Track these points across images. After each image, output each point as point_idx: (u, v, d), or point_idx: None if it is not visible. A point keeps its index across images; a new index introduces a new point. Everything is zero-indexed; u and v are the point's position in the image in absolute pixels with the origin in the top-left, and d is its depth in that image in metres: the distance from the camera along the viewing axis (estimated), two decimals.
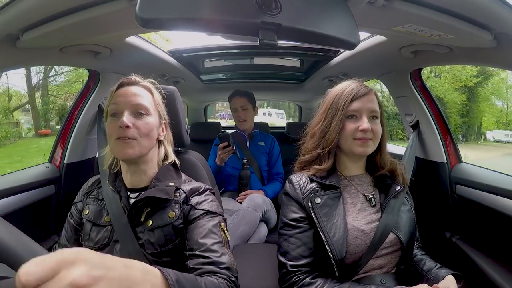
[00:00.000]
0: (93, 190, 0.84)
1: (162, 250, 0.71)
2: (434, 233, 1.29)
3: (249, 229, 1.37)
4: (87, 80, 1.34)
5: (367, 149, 0.79)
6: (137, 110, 0.73)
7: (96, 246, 0.73)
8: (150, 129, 0.75)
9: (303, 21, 0.62)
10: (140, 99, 0.74)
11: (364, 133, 0.77)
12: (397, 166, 0.85)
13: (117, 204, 0.76)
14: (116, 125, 0.71)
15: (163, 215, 0.73)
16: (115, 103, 0.73)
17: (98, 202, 0.80)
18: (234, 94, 1.85)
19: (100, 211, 0.78)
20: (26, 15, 0.70)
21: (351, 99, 0.79)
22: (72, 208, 0.84)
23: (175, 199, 0.75)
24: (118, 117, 0.72)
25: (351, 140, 0.79)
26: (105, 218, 0.76)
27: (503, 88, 15.45)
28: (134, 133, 0.71)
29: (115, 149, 0.72)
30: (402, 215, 0.80)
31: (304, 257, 0.76)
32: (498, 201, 1.00)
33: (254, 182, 1.75)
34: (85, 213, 0.79)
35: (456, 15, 0.72)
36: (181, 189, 0.78)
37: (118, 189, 0.78)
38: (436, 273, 0.78)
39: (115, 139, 0.71)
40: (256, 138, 1.88)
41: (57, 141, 1.33)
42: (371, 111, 0.79)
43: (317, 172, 0.81)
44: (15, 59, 0.90)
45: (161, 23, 0.55)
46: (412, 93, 1.32)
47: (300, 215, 0.79)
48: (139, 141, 0.72)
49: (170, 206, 0.74)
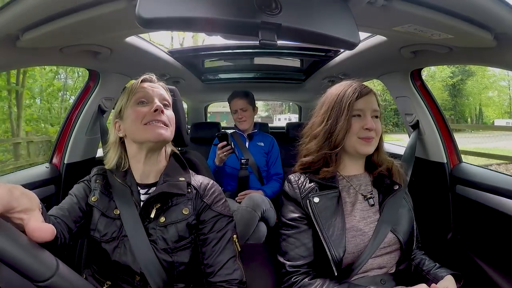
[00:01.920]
0: (99, 175, 0.80)
1: (175, 246, 0.72)
2: (434, 233, 1.29)
3: (248, 229, 1.37)
4: (87, 80, 1.34)
5: (371, 148, 0.80)
6: (164, 101, 0.78)
7: (104, 239, 0.72)
8: (173, 119, 0.80)
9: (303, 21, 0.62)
10: (164, 94, 0.80)
11: (369, 131, 0.78)
12: (394, 165, 0.86)
13: (128, 199, 0.74)
14: (147, 110, 0.74)
15: (177, 212, 0.74)
16: (142, 91, 0.77)
17: (106, 192, 0.77)
18: (233, 95, 1.84)
19: (109, 202, 0.76)
20: (26, 15, 0.70)
21: (356, 98, 0.79)
22: (76, 186, 0.80)
23: (187, 195, 0.76)
24: (147, 104, 0.75)
25: (355, 139, 0.79)
26: (114, 210, 0.74)
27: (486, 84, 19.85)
28: (165, 119, 0.75)
29: (149, 131, 0.73)
30: (401, 215, 0.80)
31: (303, 257, 0.76)
32: (498, 201, 1.00)
33: (253, 182, 1.75)
34: (92, 199, 0.76)
35: (456, 15, 0.71)
36: (191, 185, 0.79)
37: (128, 183, 0.77)
38: (435, 273, 0.78)
39: (146, 123, 0.73)
40: (256, 138, 1.88)
41: (57, 141, 1.33)
42: (374, 110, 0.80)
43: (324, 173, 0.80)
44: (15, 59, 0.90)
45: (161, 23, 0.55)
46: (412, 93, 1.32)
47: (299, 215, 0.79)
48: (169, 127, 0.76)
49: (183, 203, 0.75)
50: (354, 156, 0.83)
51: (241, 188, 1.70)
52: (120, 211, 0.73)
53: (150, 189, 0.77)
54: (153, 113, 0.73)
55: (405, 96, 1.36)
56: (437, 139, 1.29)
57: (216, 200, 0.78)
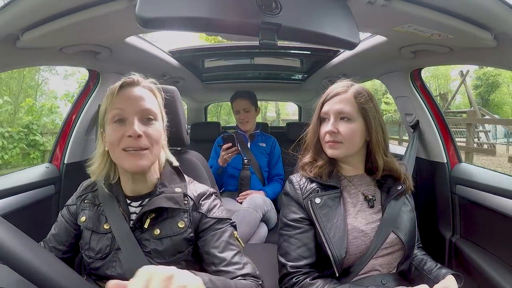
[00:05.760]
0: (87, 194, 0.78)
1: (171, 259, 0.69)
2: (434, 233, 1.29)
3: (249, 229, 1.37)
4: (87, 80, 1.34)
5: (336, 151, 0.79)
6: (146, 116, 0.67)
7: (98, 256, 0.70)
8: (160, 135, 0.70)
9: (303, 21, 0.62)
10: (147, 103, 0.68)
11: (333, 135, 0.78)
12: (398, 166, 0.85)
13: (115, 210, 0.71)
14: (123, 133, 0.64)
15: (172, 225, 0.70)
16: (119, 108, 0.66)
17: (95, 208, 0.74)
18: (236, 95, 1.84)
19: (98, 217, 0.73)
20: (26, 15, 0.70)
21: (322, 102, 0.82)
22: (64, 209, 0.79)
23: (184, 207, 0.72)
24: (124, 124, 0.65)
25: (324, 142, 0.81)
26: (104, 225, 0.71)
27: None
28: (146, 143, 0.65)
29: (125, 160, 0.65)
30: (403, 215, 0.80)
31: (304, 257, 0.76)
32: (498, 201, 1.00)
33: (255, 182, 1.75)
34: (81, 220, 0.74)
35: (456, 15, 0.72)
36: (188, 196, 0.74)
37: (115, 193, 0.73)
38: (436, 273, 0.78)
39: (123, 149, 0.65)
40: (257, 139, 1.88)
41: (57, 141, 1.32)
42: (338, 112, 0.78)
43: (316, 169, 0.81)
44: (15, 59, 0.90)
45: (161, 23, 0.55)
46: (412, 93, 1.32)
47: (300, 216, 0.79)
48: (151, 150, 0.67)
49: (179, 215, 0.71)
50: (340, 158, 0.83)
51: (242, 188, 1.70)
52: (110, 224, 0.70)
53: (144, 200, 0.73)
54: (128, 138, 0.64)
55: (405, 96, 1.36)
56: (437, 139, 1.29)
57: (211, 207, 0.75)
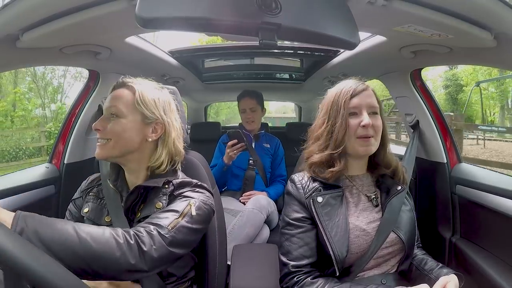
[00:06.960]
0: (92, 188, 0.83)
1: None
2: (434, 233, 1.29)
3: (254, 230, 1.37)
4: (87, 80, 1.34)
5: (370, 148, 0.78)
6: (110, 113, 0.75)
7: None
8: (121, 131, 0.73)
9: (303, 21, 0.62)
10: (116, 102, 0.74)
11: (366, 129, 0.76)
12: (399, 165, 0.85)
13: (117, 204, 0.75)
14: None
15: (150, 206, 0.73)
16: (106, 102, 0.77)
17: (98, 201, 0.79)
18: (243, 94, 1.83)
19: (100, 210, 0.77)
20: (26, 15, 0.70)
21: (350, 96, 0.79)
22: (70, 205, 0.84)
23: (163, 190, 0.74)
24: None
25: (354, 139, 0.78)
26: (105, 218, 0.75)
27: None
28: (103, 135, 0.74)
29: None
30: (403, 215, 0.80)
31: (306, 257, 0.76)
32: (498, 201, 1.00)
33: (258, 183, 1.75)
34: (84, 211, 0.78)
35: (456, 15, 0.71)
36: (171, 182, 0.77)
37: (119, 188, 0.78)
38: (438, 272, 0.78)
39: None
40: (262, 139, 1.87)
41: (57, 141, 1.32)
42: (370, 106, 0.79)
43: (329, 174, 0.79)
44: (15, 59, 0.90)
45: (161, 23, 0.55)
46: (412, 93, 1.32)
47: (302, 215, 0.78)
48: (108, 143, 0.73)
49: (158, 197, 0.74)
50: (355, 157, 0.83)
51: (246, 188, 1.70)
52: (111, 217, 0.74)
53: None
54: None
55: (405, 96, 1.36)
56: (437, 139, 1.29)
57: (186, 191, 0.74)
